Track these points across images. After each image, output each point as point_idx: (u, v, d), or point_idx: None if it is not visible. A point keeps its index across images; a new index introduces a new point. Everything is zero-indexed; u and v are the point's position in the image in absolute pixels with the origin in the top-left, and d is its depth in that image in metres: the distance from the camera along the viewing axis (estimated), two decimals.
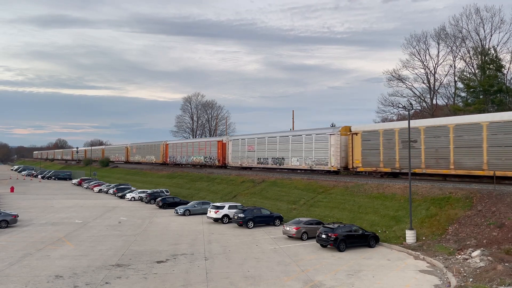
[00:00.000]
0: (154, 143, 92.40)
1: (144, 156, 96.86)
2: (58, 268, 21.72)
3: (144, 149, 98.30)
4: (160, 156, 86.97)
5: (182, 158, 78.62)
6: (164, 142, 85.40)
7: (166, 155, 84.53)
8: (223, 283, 19.39)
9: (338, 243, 25.55)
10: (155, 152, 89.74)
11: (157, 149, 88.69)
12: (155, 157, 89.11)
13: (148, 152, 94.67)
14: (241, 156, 60.76)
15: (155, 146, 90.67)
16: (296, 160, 49.92)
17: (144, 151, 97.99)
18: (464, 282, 18.50)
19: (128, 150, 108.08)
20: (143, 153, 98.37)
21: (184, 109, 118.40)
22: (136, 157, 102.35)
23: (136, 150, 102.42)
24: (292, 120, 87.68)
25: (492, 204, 26.56)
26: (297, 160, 49.73)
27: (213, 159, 68.28)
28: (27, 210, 45.03)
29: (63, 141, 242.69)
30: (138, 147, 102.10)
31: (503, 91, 51.54)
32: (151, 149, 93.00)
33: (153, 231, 32.92)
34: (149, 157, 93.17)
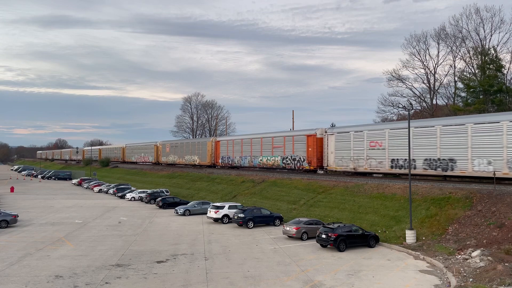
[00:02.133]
0: (199, 140, 78.32)
1: (182, 157, 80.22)
2: (58, 268, 21.72)
3: (181, 148, 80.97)
4: (207, 156, 70.74)
5: (244, 159, 60.40)
6: (213, 139, 70.53)
7: (217, 155, 68.64)
8: (223, 283, 19.39)
9: (338, 243, 25.55)
10: (199, 151, 73.56)
11: (202, 148, 72.80)
12: (199, 158, 73.48)
13: (188, 151, 77.91)
14: (356, 156, 41.82)
15: (199, 144, 74.52)
16: None
17: (181, 150, 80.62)
18: (464, 282, 18.50)
19: (159, 149, 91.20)
20: (180, 152, 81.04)
21: (184, 109, 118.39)
22: (170, 157, 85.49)
23: (169, 149, 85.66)
24: (292, 120, 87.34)
25: (492, 204, 26.56)
26: None
27: (300, 160, 48.90)
28: (27, 210, 45.02)
29: (63, 141, 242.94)
30: (174, 146, 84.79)
31: (503, 91, 51.50)
32: (193, 148, 76.31)
33: (153, 231, 32.92)
34: (190, 158, 76.99)
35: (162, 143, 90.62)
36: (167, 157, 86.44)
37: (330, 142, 44.54)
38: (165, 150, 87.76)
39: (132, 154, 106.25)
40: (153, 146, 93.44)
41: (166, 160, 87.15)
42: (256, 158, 56.89)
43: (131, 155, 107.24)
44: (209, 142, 70.52)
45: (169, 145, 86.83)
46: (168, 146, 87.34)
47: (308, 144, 47.25)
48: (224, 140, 67.00)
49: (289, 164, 50.41)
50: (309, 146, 47.02)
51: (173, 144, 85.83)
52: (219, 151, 67.18)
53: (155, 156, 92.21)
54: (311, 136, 47.08)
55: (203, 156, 71.95)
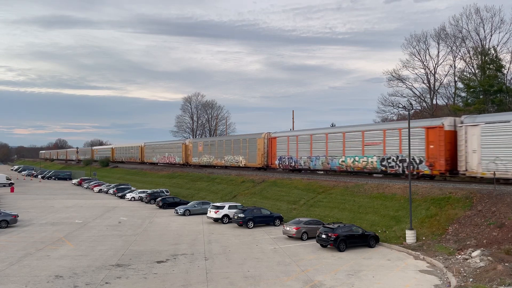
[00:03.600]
0: (245, 137, 61.46)
1: (220, 157, 67.01)
2: (58, 268, 21.72)
3: (220, 146, 67.38)
4: (257, 156, 57.21)
5: (315, 160, 46.90)
6: (266, 135, 56.34)
7: (272, 154, 54.68)
8: (223, 283, 19.39)
9: (338, 243, 25.54)
10: (246, 150, 59.78)
11: (250, 146, 58.93)
12: (245, 158, 60.32)
13: (229, 150, 64.53)
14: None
15: (246, 142, 60.24)
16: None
17: (220, 149, 67.15)
18: (464, 282, 18.50)
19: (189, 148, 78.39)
20: (218, 152, 67.52)
21: (184, 109, 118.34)
22: (203, 158, 72.23)
23: (203, 148, 72.82)
24: (292, 120, 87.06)
25: (492, 204, 26.55)
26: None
27: (414, 162, 36.12)
28: (27, 210, 45.02)
29: (63, 141, 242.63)
30: (210, 144, 70.85)
31: (503, 91, 51.46)
32: (236, 147, 62.69)
33: (153, 231, 32.92)
34: (231, 158, 63.61)
35: (193, 141, 79.39)
36: (199, 158, 73.15)
37: (471, 136, 32.23)
38: (196, 150, 74.60)
39: (153, 154, 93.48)
40: (181, 145, 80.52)
41: (198, 161, 73.89)
42: (335, 159, 44.12)
43: (151, 155, 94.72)
44: (260, 139, 56.71)
45: (202, 144, 73.32)
46: (200, 144, 73.92)
47: (429, 139, 35.18)
48: (283, 136, 53.08)
49: (394, 167, 38.01)
50: (431, 142, 35.07)
51: (209, 142, 72.19)
52: (275, 149, 53.58)
53: (183, 156, 79.26)
54: (434, 129, 34.80)
55: (251, 156, 58.69)
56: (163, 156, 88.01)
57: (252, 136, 59.87)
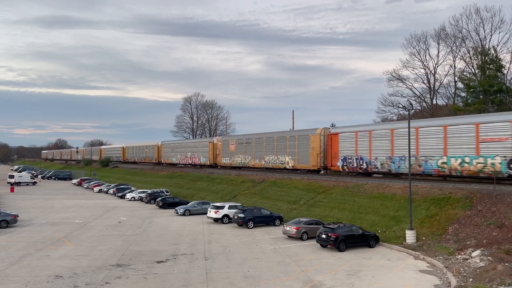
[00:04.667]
0: (294, 134, 51.97)
1: (259, 157, 56.71)
2: (58, 268, 21.71)
3: (259, 145, 57.21)
4: (311, 156, 47.40)
5: (398, 160, 37.77)
6: (322, 131, 46.59)
7: (332, 154, 44.94)
8: (223, 283, 19.39)
9: (338, 243, 25.54)
10: (295, 149, 50.07)
11: (301, 144, 49.15)
12: (293, 158, 50.45)
13: (271, 149, 54.39)
14: None
15: (294, 139, 50.62)
16: None
17: (259, 148, 57.05)
18: (464, 282, 18.50)
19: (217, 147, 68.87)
20: (257, 151, 57.34)
21: (184, 109, 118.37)
22: (236, 158, 62.08)
23: (236, 147, 62.58)
24: (292, 120, 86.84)
25: (492, 204, 26.55)
26: None
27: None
28: (27, 210, 45.01)
29: (63, 141, 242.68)
30: (246, 142, 60.62)
31: (503, 91, 51.47)
32: (281, 145, 52.55)
33: (153, 231, 32.91)
34: (275, 159, 53.52)
35: (223, 139, 68.78)
36: (231, 158, 63.70)
37: None
38: (227, 149, 64.99)
39: (172, 153, 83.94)
40: (207, 144, 71.23)
41: (230, 161, 64.04)
42: (432, 160, 34.92)
43: (170, 155, 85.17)
44: (314, 135, 47.07)
45: (235, 142, 63.38)
46: (233, 142, 63.90)
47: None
48: (349, 132, 43.44)
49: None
50: None
51: (243, 140, 61.45)
52: (336, 148, 44.23)
53: (211, 156, 70.21)
54: None
55: (302, 156, 48.95)
56: (185, 156, 78.77)
57: (303, 133, 50.22)
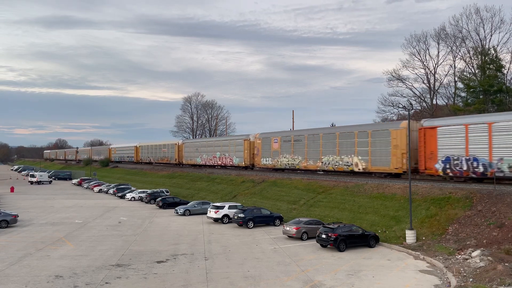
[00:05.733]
0: (367, 127, 42.53)
1: (313, 157, 47.36)
2: (58, 268, 21.71)
3: (313, 142, 47.46)
4: (393, 156, 38.16)
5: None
6: (406, 123, 34.20)
7: (426, 153, 35.81)
8: (223, 283, 19.39)
9: (338, 243, 25.54)
10: (367, 147, 40.75)
11: (376, 141, 39.89)
12: (363, 159, 41.25)
13: (331, 147, 45.03)
14: None
15: (368, 135, 40.82)
16: None
17: (314, 145, 47.38)
18: (464, 282, 18.50)
19: (255, 146, 58.57)
20: (310, 150, 47.84)
21: (184, 109, 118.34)
22: (282, 158, 52.28)
23: (281, 145, 52.76)
24: (292, 120, 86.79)
25: (492, 204, 26.55)
26: None
27: None
28: (27, 210, 45.01)
29: (63, 141, 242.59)
30: (296, 139, 50.28)
31: (503, 91, 51.46)
32: (345, 141, 43.27)
33: (153, 231, 32.91)
34: (338, 160, 43.81)
35: (264, 136, 56.72)
36: (275, 158, 53.48)
37: None
38: (268, 147, 54.82)
39: (196, 153, 74.53)
40: (242, 142, 61.28)
41: (272, 162, 53.84)
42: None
43: (192, 155, 75.87)
44: (397, 130, 37.94)
45: (279, 139, 53.02)
46: (277, 140, 53.37)
47: None
48: (453, 126, 33.87)
49: None
50: None
51: (291, 136, 51.24)
52: (434, 145, 34.94)
53: (247, 156, 60.19)
54: None
55: (379, 155, 39.61)
56: (212, 157, 69.61)
57: (380, 127, 41.49)
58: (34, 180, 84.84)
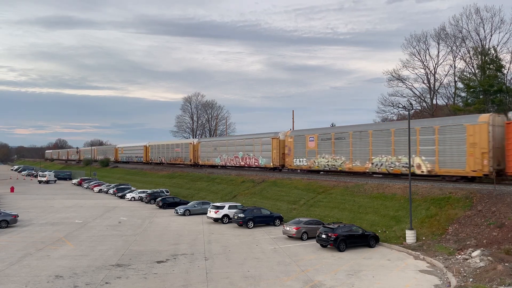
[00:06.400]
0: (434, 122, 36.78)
1: (361, 158, 41.29)
2: (58, 268, 21.71)
3: (362, 139, 41.28)
4: (473, 156, 32.30)
5: None
6: (490, 118, 32.00)
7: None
8: (223, 283, 19.39)
9: (338, 243, 25.54)
10: (437, 145, 34.70)
11: (447, 138, 34.09)
12: (429, 161, 35.37)
13: (384, 145, 38.90)
14: None
15: (435, 132, 35.00)
16: None
17: (362, 143, 41.25)
18: (464, 282, 18.50)
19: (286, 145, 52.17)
20: (357, 149, 41.72)
21: (184, 109, 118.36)
22: (320, 159, 46.38)
23: (317, 143, 46.83)
24: (292, 120, 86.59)
25: (492, 204, 26.55)
26: None
27: None
28: (27, 210, 45.01)
29: (63, 141, 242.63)
30: (339, 137, 44.16)
31: (503, 91, 51.43)
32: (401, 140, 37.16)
33: (153, 231, 32.91)
34: (394, 161, 37.84)
35: (296, 134, 51.16)
36: (311, 158, 47.56)
37: None
38: (302, 146, 48.76)
39: (215, 153, 68.34)
40: (270, 140, 54.88)
41: (308, 163, 47.96)
42: None
43: (210, 155, 69.91)
44: (475, 125, 32.42)
45: (316, 137, 46.85)
46: (313, 138, 47.26)
47: None
48: None
49: None
50: None
51: (331, 134, 45.19)
52: None
53: (275, 156, 53.76)
54: None
55: (449, 155, 33.88)
56: (234, 157, 63.25)
57: (450, 122, 34.94)
58: (44, 180, 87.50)
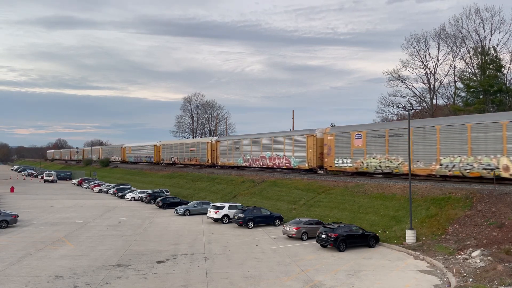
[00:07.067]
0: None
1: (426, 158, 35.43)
2: (58, 268, 21.71)
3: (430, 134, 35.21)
4: None
5: None
6: None
7: None
8: (223, 283, 19.39)
9: (338, 243, 25.53)
10: None
11: None
12: None
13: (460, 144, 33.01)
14: None
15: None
16: None
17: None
18: (464, 282, 18.50)
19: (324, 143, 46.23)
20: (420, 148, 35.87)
21: (184, 109, 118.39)
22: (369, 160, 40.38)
23: (368, 141, 40.67)
24: (292, 120, 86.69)
25: (492, 204, 26.55)
26: None
27: None
28: (27, 210, 45.00)
29: (63, 141, 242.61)
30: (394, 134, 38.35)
31: (503, 91, 51.49)
32: (479, 135, 31.65)
33: (153, 231, 32.91)
34: (474, 162, 31.88)
35: (339, 130, 45.24)
36: (357, 159, 41.42)
37: None
38: (346, 144, 42.77)
39: (236, 153, 62.60)
40: (304, 139, 48.79)
41: (355, 164, 41.73)
42: None
43: (231, 155, 64.19)
44: None
45: (364, 134, 40.98)
46: (360, 135, 41.34)
47: None
48: None
49: None
50: None
51: (384, 131, 39.15)
52: None
53: (312, 156, 47.77)
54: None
55: None
56: (260, 157, 56.58)
57: None
58: (50, 179, 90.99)
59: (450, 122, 34.82)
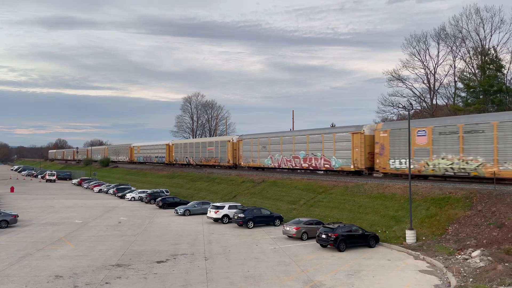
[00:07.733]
0: None
1: None
2: (58, 268, 21.71)
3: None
4: None
5: None
6: None
7: None
8: (223, 283, 19.39)
9: (338, 243, 25.53)
10: None
11: None
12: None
13: None
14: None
15: None
16: None
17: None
18: (464, 282, 18.49)
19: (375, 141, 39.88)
20: None
21: (184, 109, 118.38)
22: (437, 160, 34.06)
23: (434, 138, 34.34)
24: (292, 120, 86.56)
25: (492, 204, 26.54)
26: None
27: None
28: (27, 210, 45.00)
29: (63, 141, 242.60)
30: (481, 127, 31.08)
31: (503, 91, 51.46)
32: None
33: (153, 231, 32.90)
34: None
35: (395, 126, 39.21)
36: (421, 159, 35.44)
37: None
38: (403, 143, 36.62)
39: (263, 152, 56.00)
40: (349, 136, 42.73)
41: (417, 166, 35.64)
42: None
43: (256, 154, 57.74)
44: None
45: (430, 130, 34.93)
46: (425, 132, 35.16)
47: None
48: None
49: None
50: None
51: (457, 126, 33.06)
52: None
53: (358, 156, 41.62)
54: None
55: None
56: (293, 157, 50.45)
57: None
58: (52, 178, 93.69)
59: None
